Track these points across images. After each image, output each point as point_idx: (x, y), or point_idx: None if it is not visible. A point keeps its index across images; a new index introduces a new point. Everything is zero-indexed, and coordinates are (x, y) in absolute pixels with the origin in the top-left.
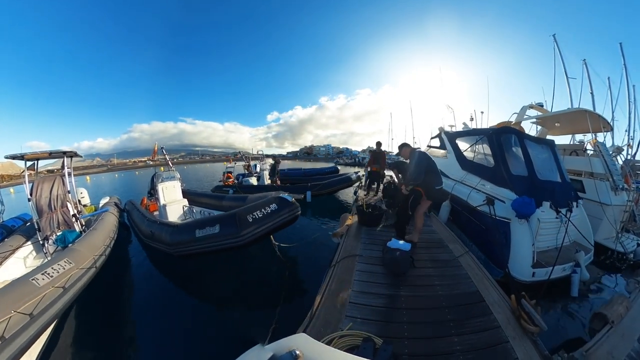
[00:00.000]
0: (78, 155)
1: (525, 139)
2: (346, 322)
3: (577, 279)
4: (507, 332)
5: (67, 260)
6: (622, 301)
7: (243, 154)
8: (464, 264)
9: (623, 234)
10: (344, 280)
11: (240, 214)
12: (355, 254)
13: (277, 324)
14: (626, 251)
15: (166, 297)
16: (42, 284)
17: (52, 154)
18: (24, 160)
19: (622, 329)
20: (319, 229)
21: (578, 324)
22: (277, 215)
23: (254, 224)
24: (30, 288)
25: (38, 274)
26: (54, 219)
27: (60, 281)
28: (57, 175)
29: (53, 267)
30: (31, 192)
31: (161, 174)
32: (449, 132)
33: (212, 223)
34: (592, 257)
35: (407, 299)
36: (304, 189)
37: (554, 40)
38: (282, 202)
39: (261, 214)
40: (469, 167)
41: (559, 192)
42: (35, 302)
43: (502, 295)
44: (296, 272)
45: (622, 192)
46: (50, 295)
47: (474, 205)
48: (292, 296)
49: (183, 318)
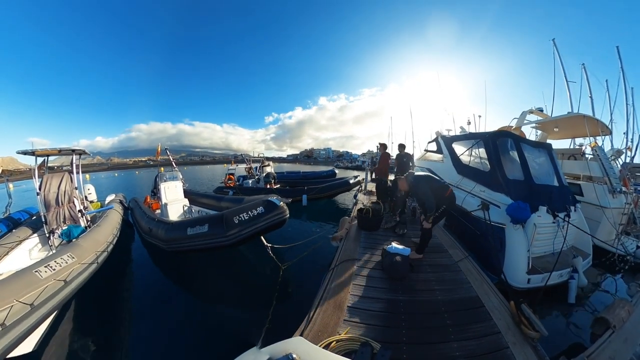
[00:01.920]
0: (86, 153)
1: (522, 142)
2: (344, 326)
3: (574, 285)
4: (507, 337)
5: (70, 255)
6: (623, 305)
7: (244, 157)
8: (463, 269)
9: (623, 237)
10: (342, 284)
11: (227, 215)
12: (354, 257)
13: (272, 326)
14: (627, 252)
15: (163, 295)
16: (45, 276)
17: (61, 151)
18: (34, 156)
19: (624, 334)
20: (317, 232)
21: (579, 329)
22: (264, 217)
23: (240, 225)
24: (32, 279)
25: (41, 267)
26: (61, 214)
27: (62, 274)
28: (65, 172)
29: (56, 260)
30: (40, 186)
31: (164, 174)
32: (446, 137)
33: (202, 222)
34: (591, 262)
35: (405, 303)
36: (301, 192)
37: (554, 45)
38: (269, 205)
39: (247, 216)
40: (465, 171)
41: (556, 197)
42: (36, 293)
43: (502, 301)
44: (293, 274)
45: (621, 195)
46: (52, 287)
47: (469, 210)
48: (288, 299)
49: (179, 317)
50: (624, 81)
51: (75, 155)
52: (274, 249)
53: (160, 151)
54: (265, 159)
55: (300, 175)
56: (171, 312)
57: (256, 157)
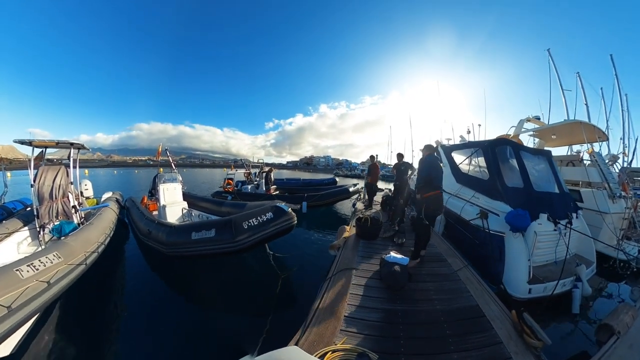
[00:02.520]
0: (85, 147)
1: (521, 150)
2: (340, 336)
3: (578, 294)
4: (510, 347)
5: (56, 254)
6: (627, 310)
7: (244, 162)
8: (463, 278)
9: (624, 242)
10: (340, 294)
11: (236, 220)
12: (352, 267)
13: (268, 334)
14: (628, 258)
15: (155, 299)
16: (26, 277)
17: (59, 143)
18: (31, 147)
19: (630, 339)
20: (316, 240)
21: (583, 337)
22: (273, 223)
23: (249, 230)
24: (12, 279)
25: (23, 265)
26: (54, 208)
27: (46, 275)
28: (62, 166)
29: (40, 259)
30: (35, 178)
31: (163, 175)
32: (445, 146)
33: (208, 227)
34: (595, 270)
35: (404, 313)
36: (300, 199)
37: (549, 55)
38: (278, 211)
39: (257, 221)
40: (464, 180)
41: (557, 204)
42: (15, 294)
43: (503, 310)
44: (291, 282)
45: (620, 199)
46: (33, 289)
47: (468, 219)
48: (285, 307)
49: (171, 323)
50: (619, 88)
51: (74, 149)
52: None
53: (161, 151)
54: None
55: (300, 183)
56: (163, 318)
57: (255, 163)
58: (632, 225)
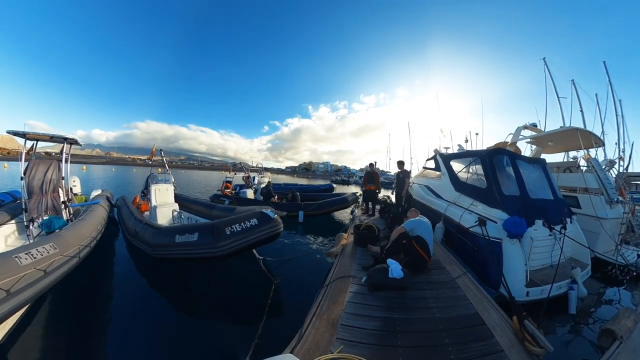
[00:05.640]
0: (78, 143)
1: (517, 159)
2: (337, 344)
3: (574, 295)
4: (511, 356)
5: (52, 245)
6: (629, 314)
7: (243, 165)
8: (461, 286)
9: (622, 246)
10: (337, 301)
11: (219, 225)
12: (349, 274)
13: (260, 341)
14: (627, 263)
15: (146, 302)
16: (25, 264)
17: (53, 137)
18: (24, 139)
19: (632, 343)
20: (313, 247)
21: (585, 343)
22: (257, 230)
23: (232, 237)
24: (11, 265)
25: (22, 253)
26: (43, 203)
27: (43, 264)
28: (54, 160)
29: (38, 249)
30: (25, 171)
31: (156, 176)
32: (444, 154)
33: (191, 230)
34: (590, 273)
35: (401, 321)
36: (297, 208)
37: (544, 63)
38: (264, 217)
39: (240, 227)
40: (462, 188)
41: (551, 210)
42: (14, 279)
43: (504, 317)
44: (285, 289)
45: (618, 204)
46: (30, 275)
47: (467, 227)
48: (279, 314)
49: (160, 327)
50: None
51: (67, 144)
52: (267, 262)
53: (155, 152)
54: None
55: (297, 188)
56: (153, 322)
57: (255, 167)
58: (630, 230)
